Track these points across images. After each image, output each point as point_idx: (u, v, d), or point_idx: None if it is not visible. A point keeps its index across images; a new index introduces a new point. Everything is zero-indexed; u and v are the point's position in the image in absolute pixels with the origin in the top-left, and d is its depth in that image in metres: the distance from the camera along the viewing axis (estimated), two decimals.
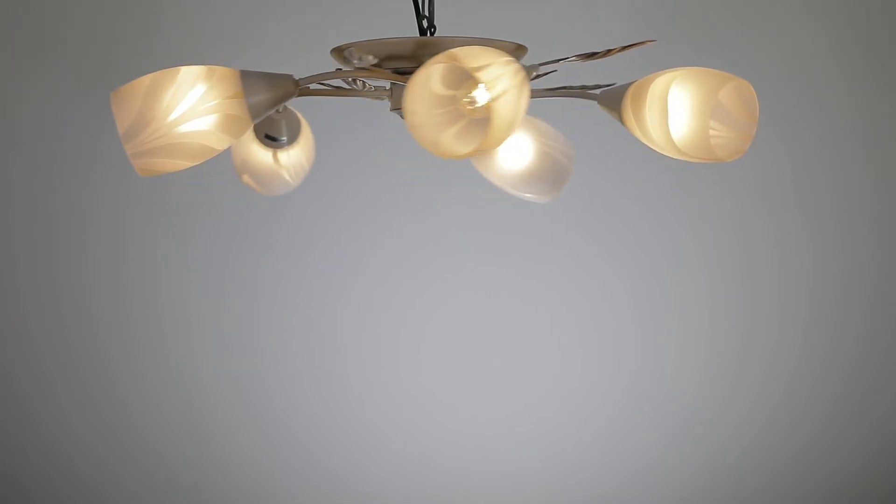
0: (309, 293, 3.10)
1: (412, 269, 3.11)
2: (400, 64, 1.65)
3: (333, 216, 3.07)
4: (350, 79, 1.69)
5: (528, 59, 1.79)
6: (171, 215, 3.02)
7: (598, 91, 1.71)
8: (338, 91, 1.74)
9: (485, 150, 1.43)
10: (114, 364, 3.07)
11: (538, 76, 1.69)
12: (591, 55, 1.67)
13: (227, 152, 1.88)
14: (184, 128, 1.52)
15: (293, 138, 1.96)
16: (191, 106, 1.52)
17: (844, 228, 3.11)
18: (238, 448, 3.14)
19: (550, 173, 1.86)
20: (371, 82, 1.75)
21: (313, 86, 1.70)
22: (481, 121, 1.50)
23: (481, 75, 1.41)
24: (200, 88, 1.52)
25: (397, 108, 1.70)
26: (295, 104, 1.97)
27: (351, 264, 3.10)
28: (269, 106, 1.59)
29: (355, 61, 1.60)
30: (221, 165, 2.84)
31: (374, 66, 1.63)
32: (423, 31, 1.86)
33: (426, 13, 1.84)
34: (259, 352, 3.11)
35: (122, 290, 3.04)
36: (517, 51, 1.68)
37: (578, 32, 2.95)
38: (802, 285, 3.14)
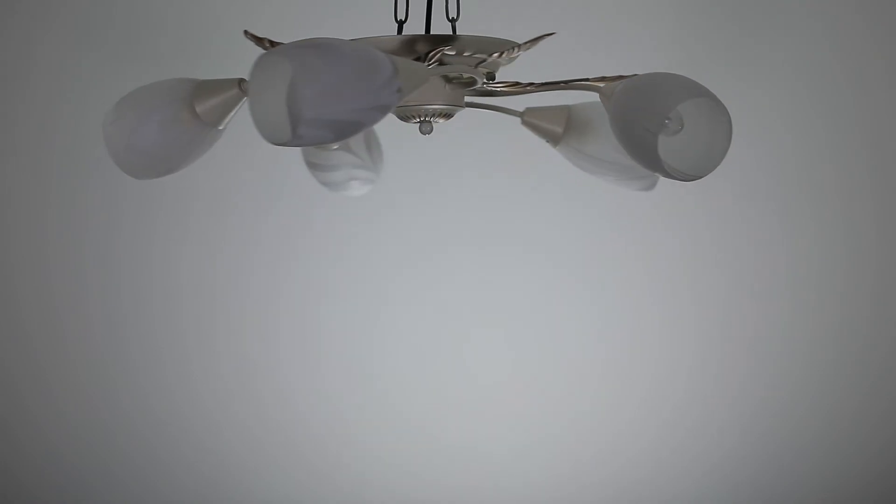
0: (308, 296, 3.09)
1: (417, 269, 3.10)
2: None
3: (332, 218, 3.05)
4: None
5: (527, 58, 1.77)
6: (165, 214, 3.01)
7: (601, 84, 1.68)
8: None
9: None
10: (109, 361, 3.07)
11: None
12: (602, 79, 1.65)
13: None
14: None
15: None
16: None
17: (849, 228, 3.09)
18: (233, 446, 3.15)
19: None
20: None
21: None
22: None
23: None
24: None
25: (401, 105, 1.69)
26: None
27: (353, 265, 3.09)
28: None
29: (517, 51, 1.60)
30: (217, 166, 2.83)
31: None
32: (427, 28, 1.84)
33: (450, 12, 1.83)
34: (257, 352, 3.11)
35: (116, 288, 3.04)
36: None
37: (579, 30, 2.94)
38: (814, 284, 3.12)
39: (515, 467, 3.20)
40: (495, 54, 1.59)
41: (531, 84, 1.66)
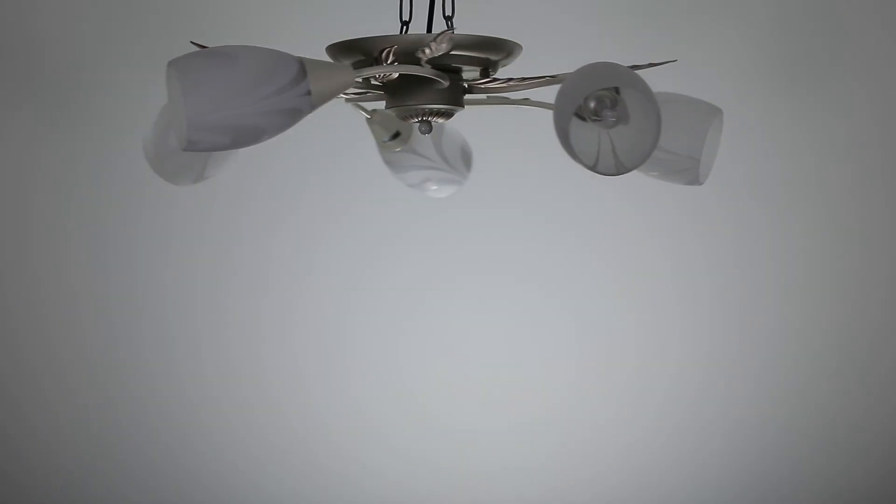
0: (311, 293, 3.08)
1: (423, 270, 3.10)
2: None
3: (331, 221, 3.06)
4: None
5: (524, 57, 1.77)
6: (153, 213, 3.01)
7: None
8: None
9: None
10: (98, 363, 3.07)
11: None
12: None
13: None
14: None
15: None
16: None
17: (863, 228, 3.07)
18: (229, 450, 3.14)
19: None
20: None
21: None
22: None
23: None
24: None
25: (400, 105, 1.70)
26: None
27: (357, 266, 3.08)
28: None
29: (438, 48, 1.59)
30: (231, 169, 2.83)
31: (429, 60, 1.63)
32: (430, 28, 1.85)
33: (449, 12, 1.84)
34: (244, 354, 3.10)
35: (105, 288, 3.04)
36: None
37: (579, 30, 2.93)
38: (827, 283, 3.09)
39: (523, 472, 3.19)
40: (419, 52, 1.60)
41: (511, 80, 1.65)
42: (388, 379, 3.13)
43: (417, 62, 1.61)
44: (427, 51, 1.58)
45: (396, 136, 1.92)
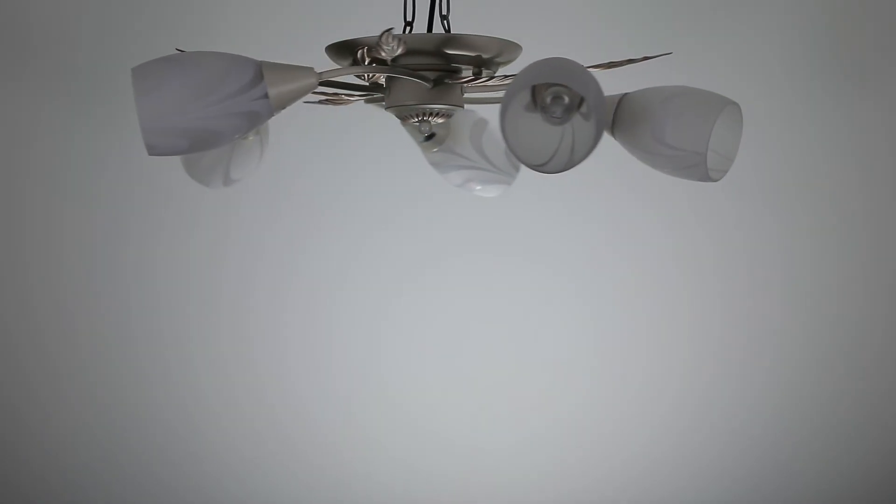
0: (302, 293, 3.09)
1: (420, 270, 3.10)
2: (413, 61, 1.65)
3: (328, 215, 3.06)
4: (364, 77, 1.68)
5: (524, 58, 1.76)
6: (143, 214, 3.03)
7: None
8: (335, 98, 1.74)
9: None
10: (89, 363, 3.09)
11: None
12: (610, 65, 1.64)
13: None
14: None
15: None
16: None
17: (872, 229, 3.05)
18: (223, 449, 3.15)
19: None
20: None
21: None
22: None
23: None
24: None
25: (395, 105, 1.69)
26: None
27: (351, 265, 3.09)
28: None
29: (387, 48, 1.59)
30: None
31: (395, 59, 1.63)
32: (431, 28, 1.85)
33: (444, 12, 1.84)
34: (234, 353, 3.12)
35: (95, 289, 3.05)
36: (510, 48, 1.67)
37: (578, 31, 2.93)
38: (834, 286, 3.09)
39: (522, 474, 3.19)
40: (375, 52, 1.61)
41: (493, 77, 1.65)
42: (381, 380, 3.14)
43: (385, 62, 1.61)
44: (382, 52, 1.57)
45: (431, 136, 1.91)
